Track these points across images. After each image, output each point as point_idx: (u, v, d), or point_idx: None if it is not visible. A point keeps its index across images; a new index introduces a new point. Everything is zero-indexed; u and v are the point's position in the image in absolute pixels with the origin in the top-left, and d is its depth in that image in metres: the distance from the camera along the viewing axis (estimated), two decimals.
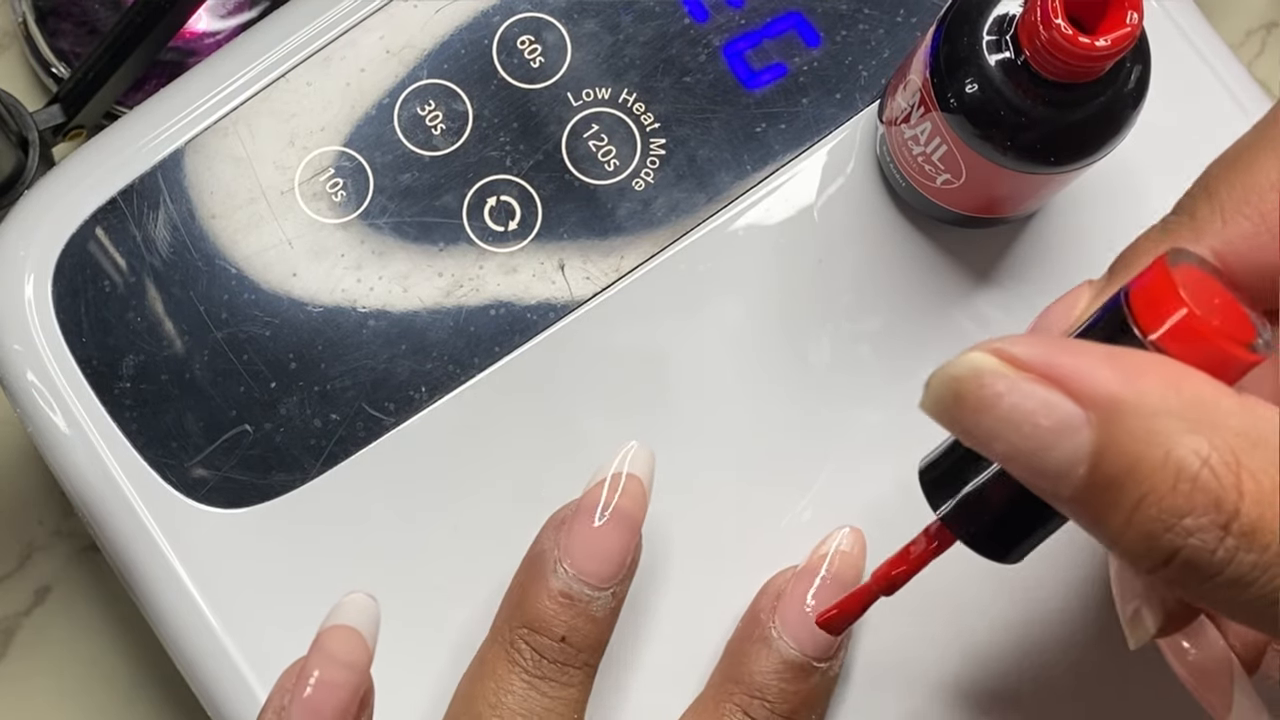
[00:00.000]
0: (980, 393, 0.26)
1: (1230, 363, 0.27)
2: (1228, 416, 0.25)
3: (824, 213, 0.41)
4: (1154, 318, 0.27)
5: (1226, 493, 0.25)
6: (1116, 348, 0.27)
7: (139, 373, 0.39)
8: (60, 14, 0.50)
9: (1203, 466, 0.25)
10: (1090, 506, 0.26)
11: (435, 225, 0.40)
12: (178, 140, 0.40)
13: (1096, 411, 0.26)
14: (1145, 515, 0.25)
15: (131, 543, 0.39)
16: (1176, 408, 0.25)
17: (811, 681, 0.37)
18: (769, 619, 0.37)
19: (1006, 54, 0.34)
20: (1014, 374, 0.26)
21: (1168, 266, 0.28)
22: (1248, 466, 0.25)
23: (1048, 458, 0.26)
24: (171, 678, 0.41)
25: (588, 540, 0.36)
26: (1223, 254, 0.30)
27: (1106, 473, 0.25)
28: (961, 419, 0.27)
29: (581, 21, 0.41)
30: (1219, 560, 0.25)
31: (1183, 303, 0.27)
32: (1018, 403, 0.26)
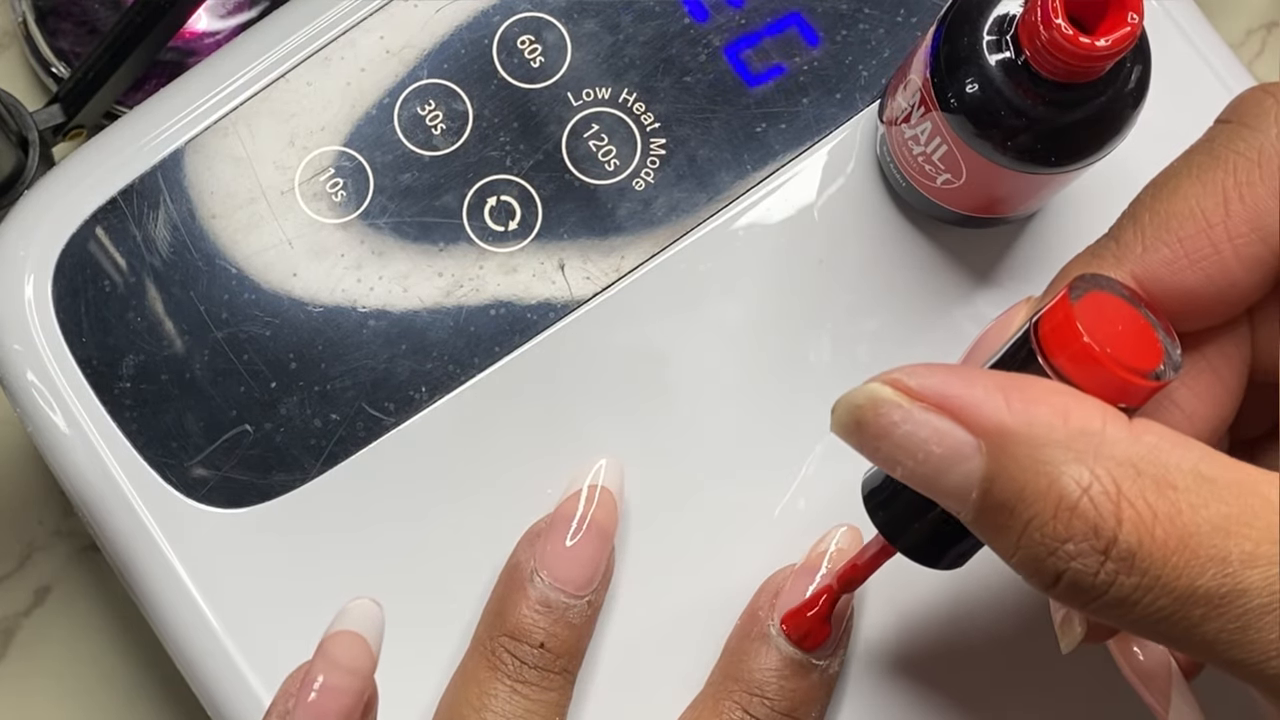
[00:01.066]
0: (878, 420, 0.28)
1: (1129, 389, 0.28)
2: (1113, 445, 0.26)
3: (824, 213, 0.41)
4: (1056, 346, 0.29)
5: (1105, 520, 0.26)
6: (1012, 376, 0.28)
7: (139, 372, 0.39)
8: (60, 14, 0.50)
9: (1083, 495, 0.26)
10: (985, 527, 0.28)
11: (435, 225, 0.40)
12: (178, 140, 0.40)
13: (986, 440, 0.27)
14: (1030, 539, 0.27)
15: (131, 543, 0.39)
16: (1063, 437, 0.26)
17: (811, 679, 0.37)
18: (767, 617, 0.38)
19: (1007, 54, 0.34)
20: (908, 404, 0.28)
21: (1068, 297, 0.29)
22: (1128, 494, 0.26)
23: (943, 482, 0.28)
24: (171, 678, 0.41)
25: (562, 551, 0.37)
26: (1142, 279, 0.31)
27: (996, 498, 0.27)
28: (863, 444, 0.29)
29: (581, 21, 0.41)
30: (1100, 583, 0.26)
31: (1078, 333, 0.28)
32: (912, 431, 0.28)
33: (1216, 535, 0.26)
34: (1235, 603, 0.26)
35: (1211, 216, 0.30)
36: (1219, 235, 0.30)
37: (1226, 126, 0.31)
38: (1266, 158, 0.30)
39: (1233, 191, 0.30)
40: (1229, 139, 0.31)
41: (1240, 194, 0.30)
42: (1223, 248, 0.30)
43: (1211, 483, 0.26)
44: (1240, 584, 0.26)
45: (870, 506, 0.33)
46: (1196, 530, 0.26)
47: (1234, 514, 0.26)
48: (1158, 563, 0.26)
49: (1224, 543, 0.26)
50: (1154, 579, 0.26)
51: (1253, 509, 0.26)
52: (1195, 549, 0.26)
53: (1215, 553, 0.26)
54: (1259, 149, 0.30)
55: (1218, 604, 0.26)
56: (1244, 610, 0.26)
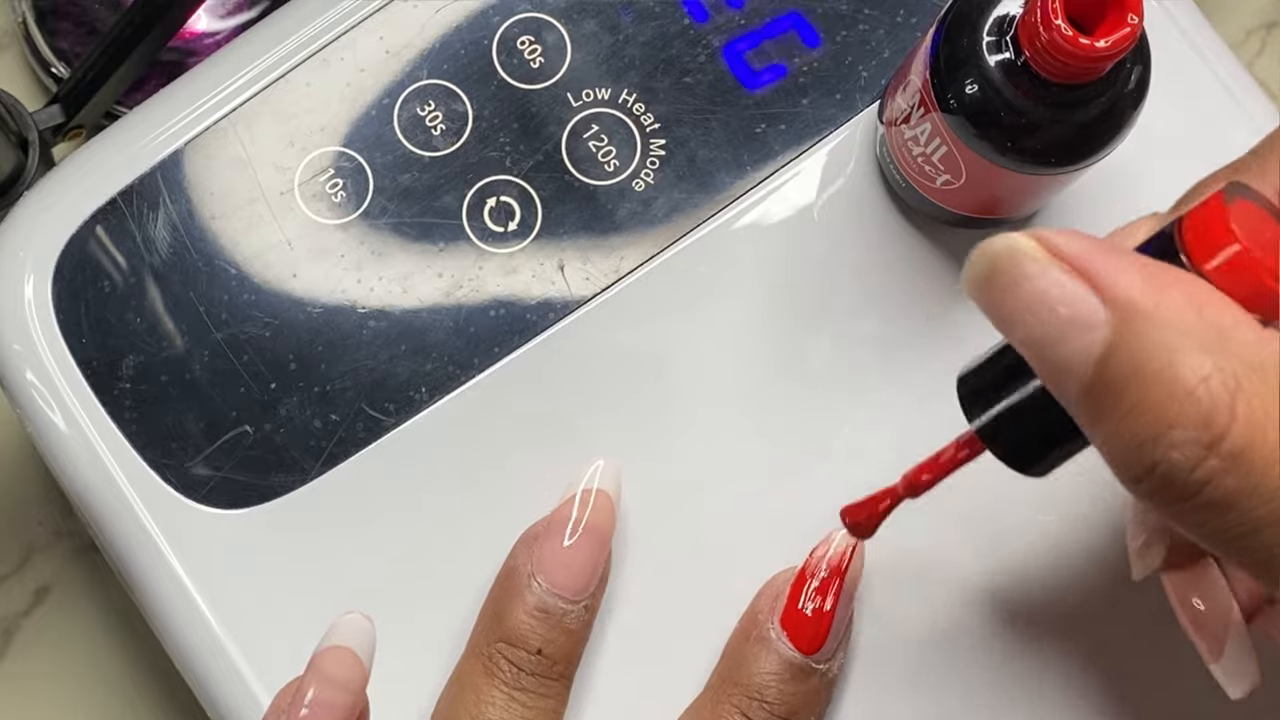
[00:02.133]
0: (1012, 272, 0.27)
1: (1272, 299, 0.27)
2: (1242, 345, 0.26)
3: (824, 213, 0.41)
4: (1203, 248, 0.27)
5: (1218, 413, 0.25)
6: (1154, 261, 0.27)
7: (139, 373, 0.39)
8: (60, 14, 0.50)
9: (1201, 383, 0.25)
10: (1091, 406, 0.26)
11: (435, 226, 0.40)
12: (177, 141, 0.40)
13: (1115, 312, 0.26)
14: (1135, 421, 0.26)
15: (131, 543, 0.39)
16: (1193, 326, 0.26)
17: (811, 683, 0.37)
18: (767, 620, 0.37)
19: (1006, 55, 0.34)
20: (1048, 260, 0.27)
21: (1224, 200, 0.28)
22: (1248, 393, 0.25)
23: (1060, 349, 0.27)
24: (171, 678, 0.41)
25: (560, 555, 0.37)
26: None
27: (1111, 374, 0.26)
28: (990, 296, 0.27)
29: (581, 22, 0.41)
30: (1198, 479, 0.25)
31: (1233, 235, 0.27)
32: (1044, 288, 0.27)
33: None
34: None
35: None
36: None
37: None
38: None
39: None
40: None
41: None
42: None
43: None
44: None
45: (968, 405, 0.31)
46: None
47: None
48: (1262, 466, 0.25)
49: None
50: (1256, 483, 0.25)
51: None
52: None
53: None
54: None
55: None
56: None
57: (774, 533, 0.39)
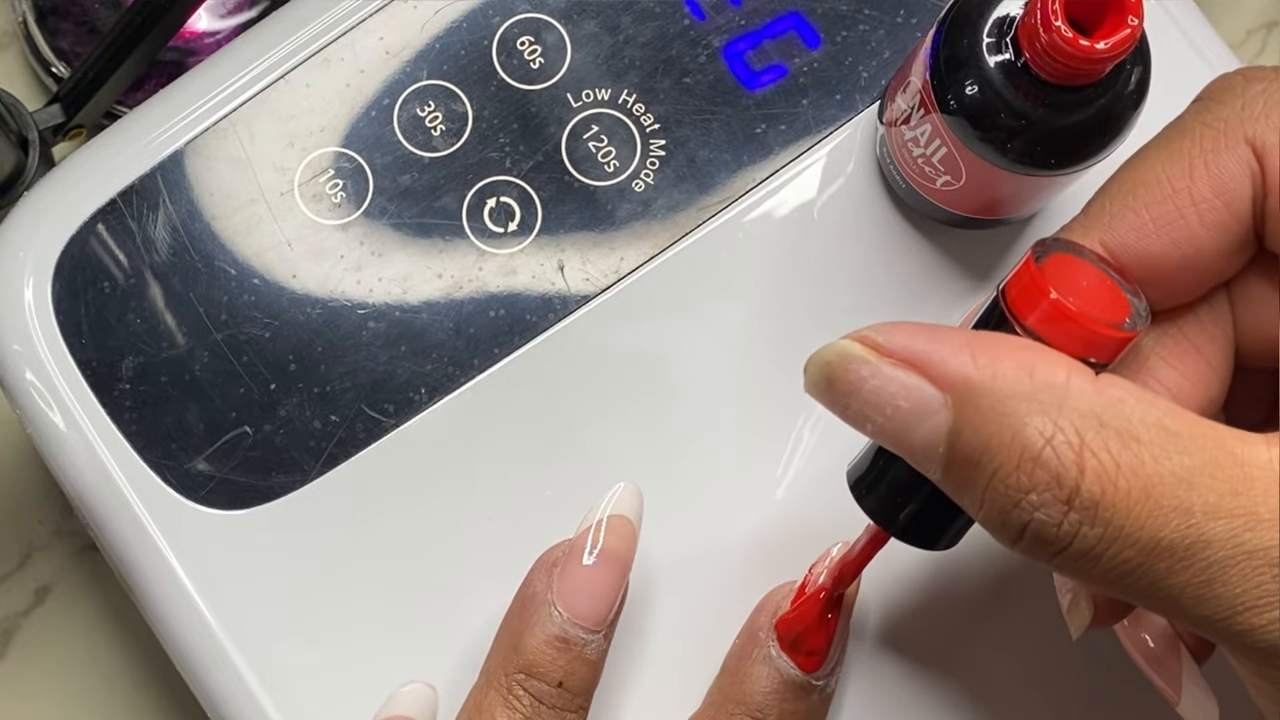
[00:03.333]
0: (847, 376, 0.29)
1: (1099, 341, 0.29)
2: (1078, 398, 0.27)
3: (824, 214, 0.41)
4: (1024, 305, 0.29)
5: (1067, 470, 0.26)
6: (979, 333, 0.28)
7: (138, 374, 0.39)
8: (60, 13, 0.50)
9: (1045, 445, 0.26)
10: (953, 483, 0.28)
11: (435, 226, 0.40)
12: (177, 141, 0.40)
13: (952, 394, 0.27)
14: (995, 491, 0.27)
15: (131, 544, 0.39)
16: (1028, 390, 0.27)
17: (811, 700, 0.37)
18: (768, 637, 0.37)
19: (1006, 56, 0.34)
20: (876, 359, 0.28)
21: (1033, 259, 0.29)
22: (1091, 445, 0.26)
23: (911, 437, 0.28)
24: (171, 678, 0.41)
25: (581, 583, 0.36)
26: (1110, 246, 0.31)
27: (963, 451, 0.27)
28: (833, 400, 0.29)
29: (581, 22, 0.41)
30: (1064, 534, 0.26)
31: (1045, 289, 0.29)
32: (880, 386, 0.28)
33: (1180, 486, 0.26)
34: (1200, 554, 0.26)
35: (1177, 183, 0.31)
36: (1184, 201, 0.31)
37: (1196, 104, 0.32)
38: (1231, 127, 0.31)
39: (1198, 159, 0.31)
40: (1196, 113, 0.32)
41: (1205, 161, 0.31)
42: (1188, 213, 0.31)
43: (1175, 435, 0.26)
44: (1204, 535, 0.26)
45: (857, 493, 0.33)
46: (1160, 481, 0.26)
47: (1197, 465, 0.26)
48: (1121, 513, 0.26)
49: (1187, 494, 0.26)
50: (1117, 530, 0.26)
51: (1216, 461, 0.26)
52: (1158, 500, 0.26)
53: (1178, 504, 0.26)
54: (1224, 119, 0.31)
55: (1182, 556, 0.26)
56: (1208, 562, 0.26)
57: (774, 537, 0.39)
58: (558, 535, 0.38)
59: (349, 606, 0.39)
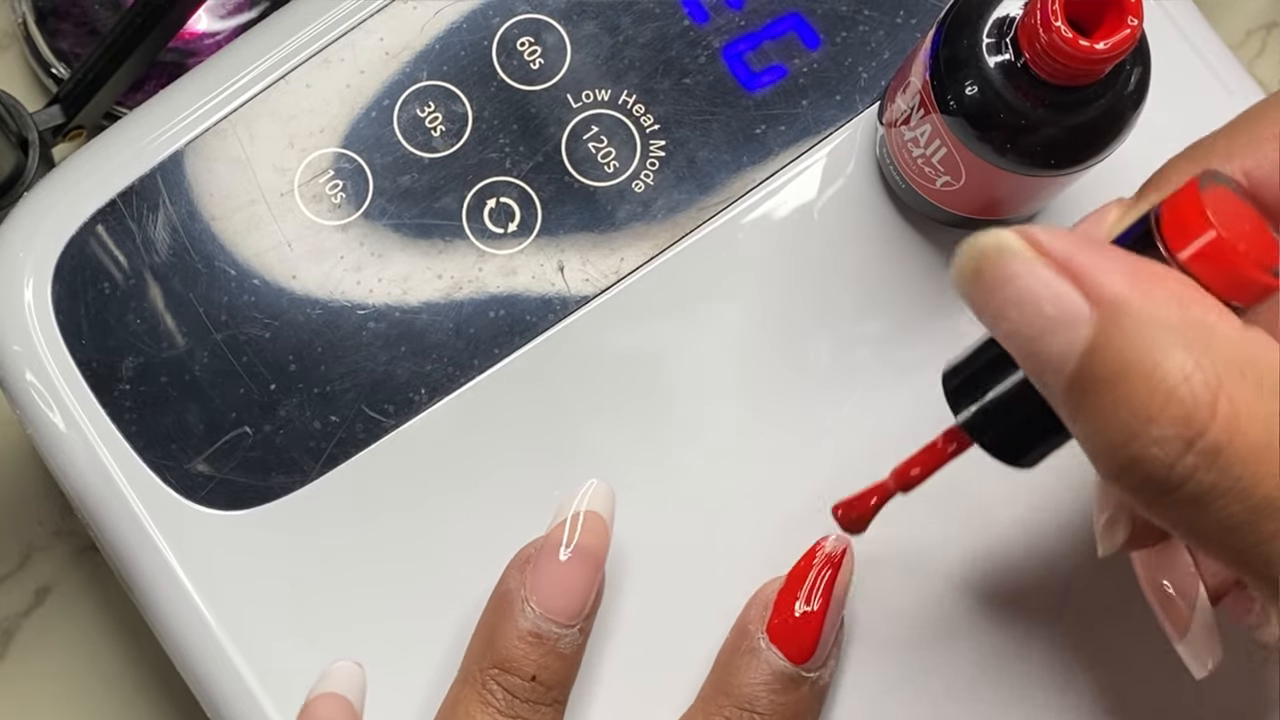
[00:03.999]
0: (997, 269, 0.27)
1: (1250, 286, 0.28)
2: (1225, 342, 0.26)
3: (824, 214, 0.41)
4: (1181, 237, 0.28)
5: (1199, 410, 0.25)
6: (1139, 258, 0.27)
7: (138, 374, 0.39)
8: (60, 14, 0.50)
9: (1183, 381, 0.25)
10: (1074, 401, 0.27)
11: (435, 227, 0.40)
12: (177, 142, 0.40)
13: (1100, 310, 0.26)
14: (1117, 417, 0.26)
15: (131, 544, 0.39)
16: (1177, 323, 0.26)
17: (801, 691, 0.37)
18: (757, 630, 0.37)
19: (1006, 56, 0.34)
20: (1034, 257, 0.27)
21: (1198, 188, 0.28)
22: (1228, 391, 0.25)
23: (1045, 345, 0.27)
24: (171, 678, 0.41)
25: (554, 579, 0.37)
26: (1253, 175, 0.30)
27: (1095, 371, 0.26)
28: (976, 292, 0.28)
29: (581, 23, 0.41)
30: (1177, 475, 0.26)
31: (1210, 224, 0.27)
32: (1029, 285, 0.27)
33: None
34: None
35: None
36: None
37: None
38: None
39: None
40: None
41: None
42: None
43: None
44: None
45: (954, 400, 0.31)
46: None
47: None
48: (1240, 463, 0.25)
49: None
50: (1234, 480, 0.25)
51: None
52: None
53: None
54: None
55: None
56: None
57: (774, 536, 0.39)
58: None
59: (349, 606, 0.39)
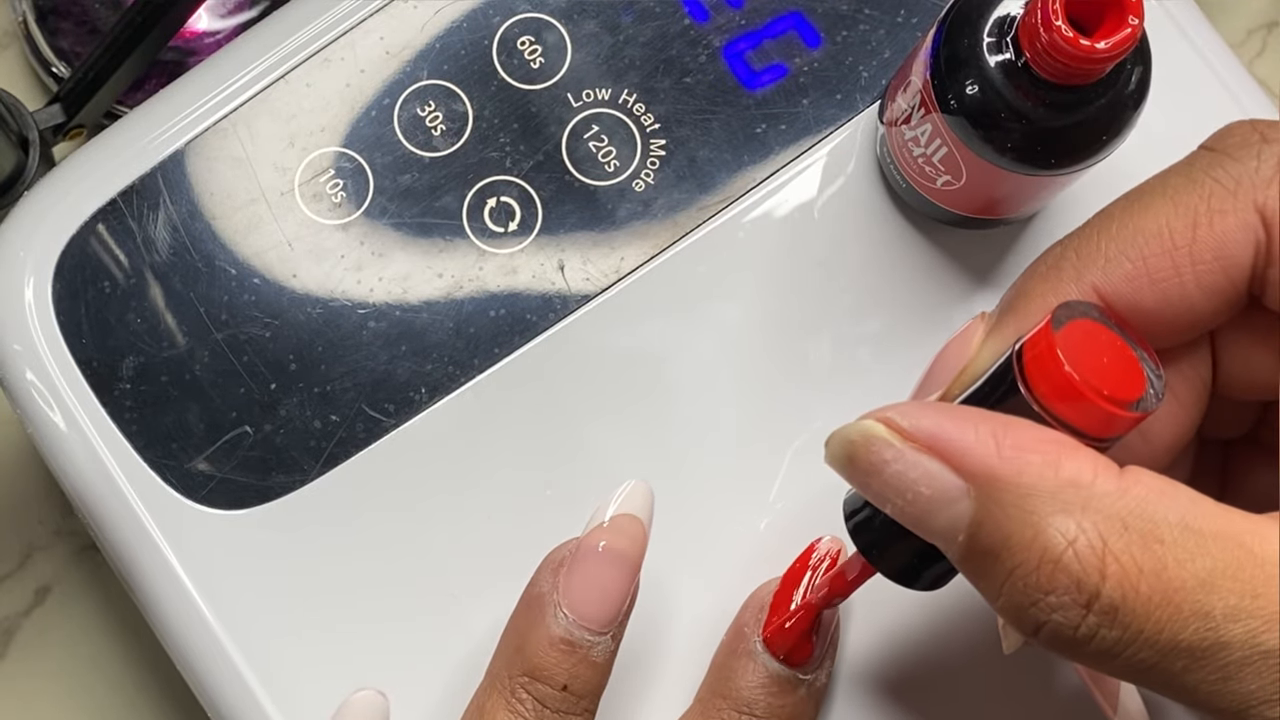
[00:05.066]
0: (869, 458, 0.28)
1: (1112, 421, 0.28)
2: (1103, 499, 0.26)
3: (824, 213, 0.41)
4: (1039, 377, 0.29)
5: (1089, 575, 0.26)
6: (1005, 419, 0.28)
7: (139, 374, 0.39)
8: (60, 13, 0.50)
9: (1067, 548, 0.26)
10: (971, 570, 0.28)
11: (435, 226, 0.40)
12: (178, 141, 0.40)
13: (975, 485, 0.27)
14: (1014, 588, 0.27)
15: (131, 544, 0.39)
16: (1052, 487, 0.27)
17: (798, 694, 0.37)
18: (753, 632, 0.37)
19: (1007, 56, 0.34)
20: (900, 443, 0.28)
21: (1051, 328, 0.29)
22: (1114, 549, 0.26)
23: (931, 522, 0.28)
24: (171, 678, 0.41)
25: (587, 584, 0.35)
26: (1103, 292, 0.31)
27: (982, 543, 0.27)
28: (854, 479, 0.29)
29: (581, 22, 0.41)
30: (1082, 635, 0.26)
31: (1060, 364, 0.28)
32: (902, 471, 0.28)
33: (1201, 590, 0.26)
34: (1217, 656, 0.26)
35: (1178, 238, 0.30)
36: (1182, 258, 0.30)
37: (1208, 154, 0.31)
38: (1242, 188, 0.30)
39: (1203, 216, 0.30)
40: (1208, 165, 0.30)
41: (1210, 220, 0.30)
42: (1184, 272, 0.30)
43: (1198, 535, 0.26)
44: (1222, 638, 0.26)
45: (851, 527, 0.33)
46: (1181, 585, 0.26)
47: (1218, 568, 0.26)
48: (1141, 617, 0.26)
49: (1208, 598, 0.26)
50: (1136, 633, 0.26)
51: (1237, 561, 0.26)
52: (1179, 604, 0.26)
53: (1199, 608, 0.26)
54: (1236, 179, 0.30)
55: (1200, 657, 0.26)
56: (1225, 663, 0.26)
57: (774, 537, 0.39)
58: (558, 534, 0.37)
59: (349, 606, 0.39)
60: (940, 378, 0.32)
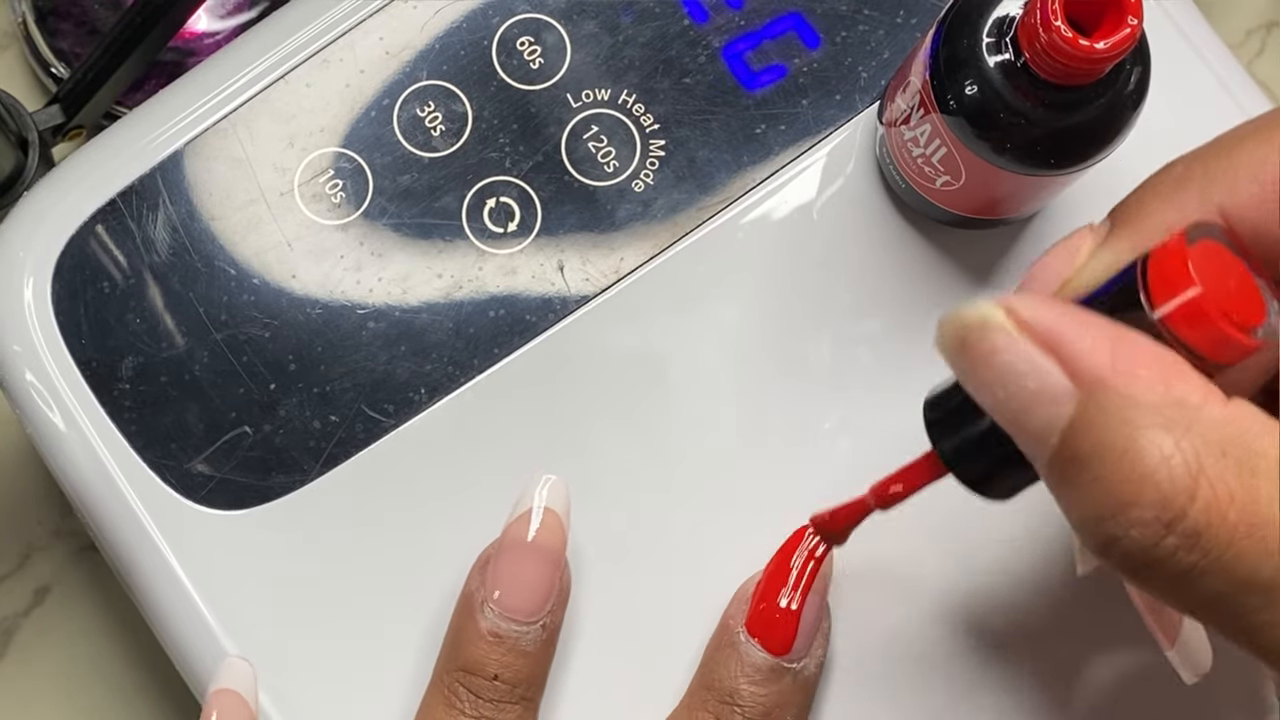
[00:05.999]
0: (980, 344, 0.27)
1: (1232, 346, 0.28)
2: (1207, 423, 0.26)
3: (824, 214, 0.41)
4: (1165, 294, 0.28)
5: (1177, 494, 0.25)
6: (1124, 330, 0.27)
7: (138, 374, 0.39)
8: (60, 14, 0.50)
9: (1162, 463, 0.25)
10: (1056, 476, 0.27)
11: (435, 226, 0.40)
12: (177, 141, 0.40)
13: (1081, 388, 0.26)
14: (1096, 497, 0.26)
15: (130, 544, 0.39)
16: (1158, 402, 0.26)
17: (783, 682, 0.37)
18: (737, 624, 0.37)
19: (1006, 56, 0.34)
20: (1015, 333, 0.27)
21: (1185, 242, 0.28)
22: (1208, 473, 0.25)
23: (1028, 419, 0.27)
24: (171, 678, 0.41)
25: (509, 578, 0.37)
26: (1228, 212, 0.30)
27: (1075, 448, 0.26)
28: (961, 364, 0.28)
29: (581, 22, 0.41)
30: (1157, 556, 0.26)
31: (1194, 283, 0.27)
32: (1011, 361, 0.27)
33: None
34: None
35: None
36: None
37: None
38: None
39: None
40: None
41: None
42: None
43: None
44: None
45: (929, 420, 0.31)
46: (1272, 519, 0.25)
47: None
48: (1223, 545, 0.25)
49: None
50: (1215, 560, 0.25)
51: None
52: (1266, 538, 0.25)
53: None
54: None
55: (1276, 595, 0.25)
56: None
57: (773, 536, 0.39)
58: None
59: (349, 606, 0.39)
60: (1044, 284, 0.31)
